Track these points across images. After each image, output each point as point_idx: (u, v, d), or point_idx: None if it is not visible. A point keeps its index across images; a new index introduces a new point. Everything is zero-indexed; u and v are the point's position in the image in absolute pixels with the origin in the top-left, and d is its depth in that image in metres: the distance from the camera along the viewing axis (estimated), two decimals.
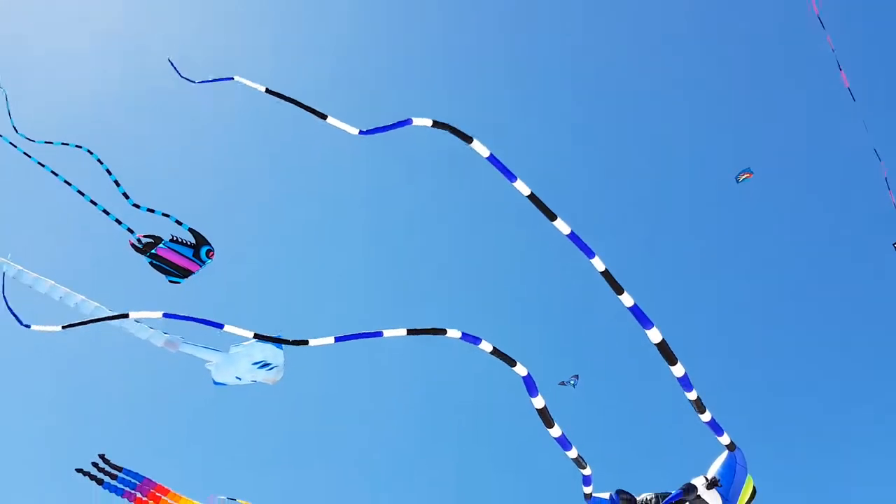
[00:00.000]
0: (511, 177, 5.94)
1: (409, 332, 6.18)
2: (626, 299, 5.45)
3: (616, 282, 5.36)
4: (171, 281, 9.44)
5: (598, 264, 5.28)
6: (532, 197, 5.59)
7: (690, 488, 7.51)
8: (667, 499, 7.45)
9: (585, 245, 5.28)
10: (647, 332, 5.65)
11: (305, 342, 5.63)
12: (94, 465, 10.90)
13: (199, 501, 11.57)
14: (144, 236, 9.90)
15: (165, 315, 5.44)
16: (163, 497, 11.43)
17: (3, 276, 7.08)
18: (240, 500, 12.52)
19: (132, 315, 5.27)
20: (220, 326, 5.44)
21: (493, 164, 6.16)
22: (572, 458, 6.32)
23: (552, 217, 5.27)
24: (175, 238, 9.90)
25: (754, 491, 7.59)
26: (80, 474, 10.81)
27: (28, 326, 6.13)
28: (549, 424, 6.00)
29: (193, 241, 9.87)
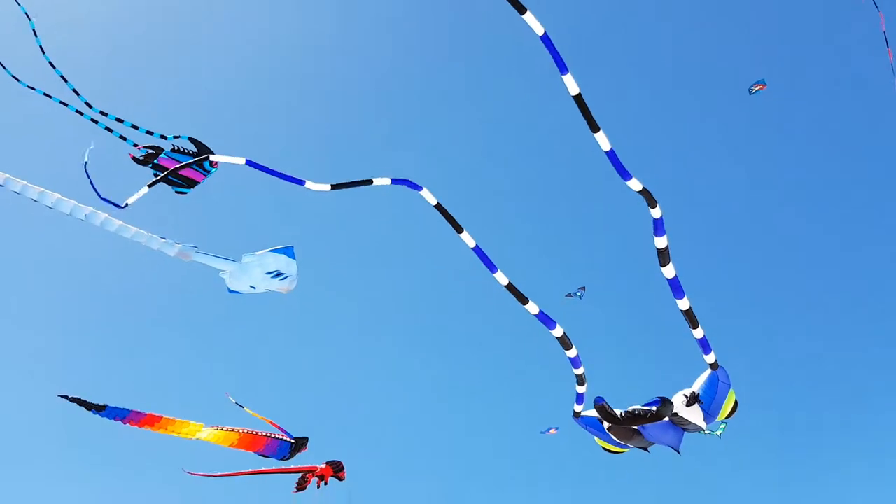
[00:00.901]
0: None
1: (334, 186, 6.25)
2: (656, 212, 5.38)
3: (651, 196, 5.20)
4: (177, 192, 9.32)
5: (635, 184, 5.10)
6: None
7: (665, 402, 7.78)
8: (647, 403, 7.74)
9: (619, 164, 5.00)
10: (656, 238, 5.66)
11: (209, 154, 5.89)
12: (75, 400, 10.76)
13: (200, 422, 11.76)
14: (144, 146, 9.68)
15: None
16: (157, 423, 11.54)
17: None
18: (247, 409, 12.86)
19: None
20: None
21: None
22: (557, 337, 6.39)
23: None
24: (176, 148, 9.70)
25: (736, 404, 7.88)
26: (67, 400, 10.69)
27: (123, 206, 6.48)
28: (524, 301, 6.03)
29: (195, 150, 9.69)
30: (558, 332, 6.30)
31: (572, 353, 6.56)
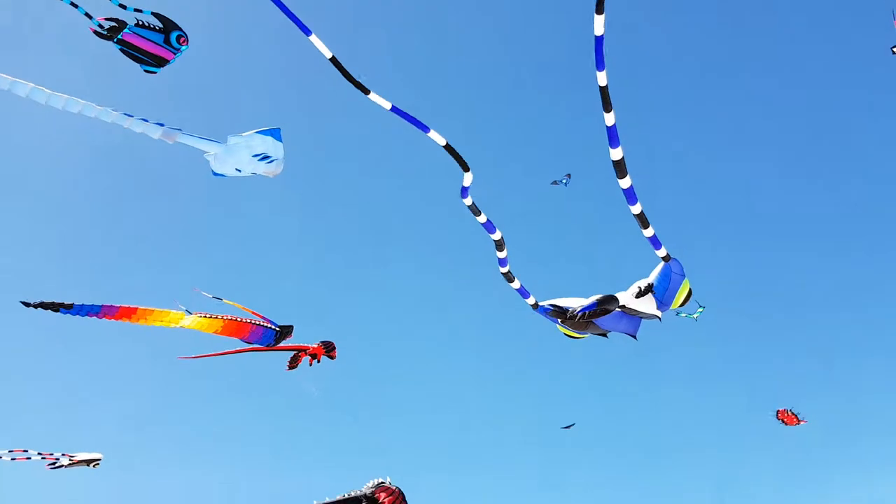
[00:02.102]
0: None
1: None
2: (610, 118, 5.48)
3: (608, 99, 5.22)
4: (146, 70, 8.75)
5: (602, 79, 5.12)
6: None
7: (609, 299, 8.16)
8: (584, 307, 8.09)
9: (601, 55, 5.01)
10: (611, 150, 5.85)
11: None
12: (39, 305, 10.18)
13: (179, 310, 11.63)
14: (105, 20, 8.94)
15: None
16: (134, 314, 11.37)
17: None
18: (225, 300, 12.83)
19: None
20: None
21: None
22: (495, 240, 6.95)
23: None
24: (140, 23, 9.00)
25: (690, 292, 8.34)
26: (31, 307, 10.08)
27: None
28: (476, 213, 6.63)
29: (161, 25, 9.02)
30: (497, 236, 6.78)
31: (503, 254, 7.02)
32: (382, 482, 12.85)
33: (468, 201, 6.64)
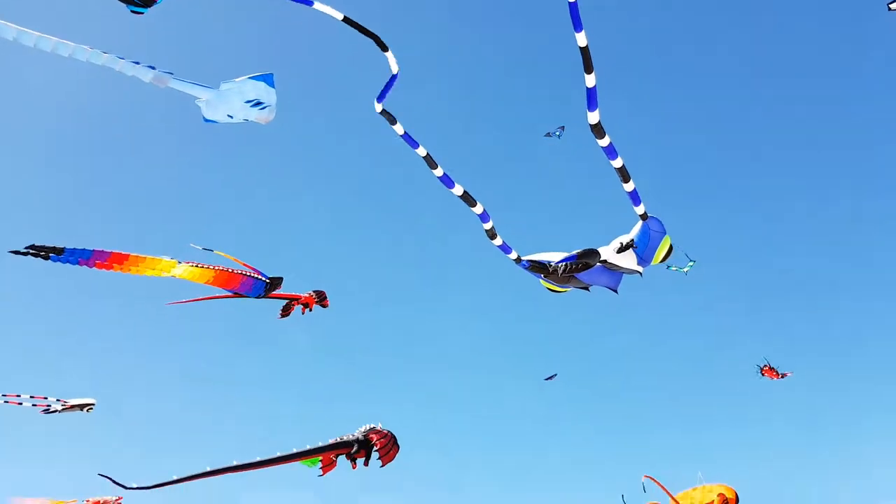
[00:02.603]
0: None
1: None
2: (590, 80, 5.69)
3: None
4: (133, 11, 8.56)
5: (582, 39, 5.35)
6: None
7: (590, 252, 8.33)
8: (564, 259, 8.24)
9: None
10: (590, 113, 6.01)
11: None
12: (31, 249, 10.27)
13: (169, 258, 11.59)
14: None
15: None
16: (125, 261, 11.29)
17: None
18: (216, 251, 12.82)
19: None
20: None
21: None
22: (458, 195, 7.10)
23: None
24: None
25: (671, 248, 8.50)
26: (20, 255, 10.21)
27: None
28: (433, 166, 6.72)
29: None
30: (458, 190, 6.84)
31: (478, 209, 7.11)
32: (374, 427, 13.13)
33: (379, 108, 6.70)
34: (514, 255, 8.42)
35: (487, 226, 7.42)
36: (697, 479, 14.68)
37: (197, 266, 11.69)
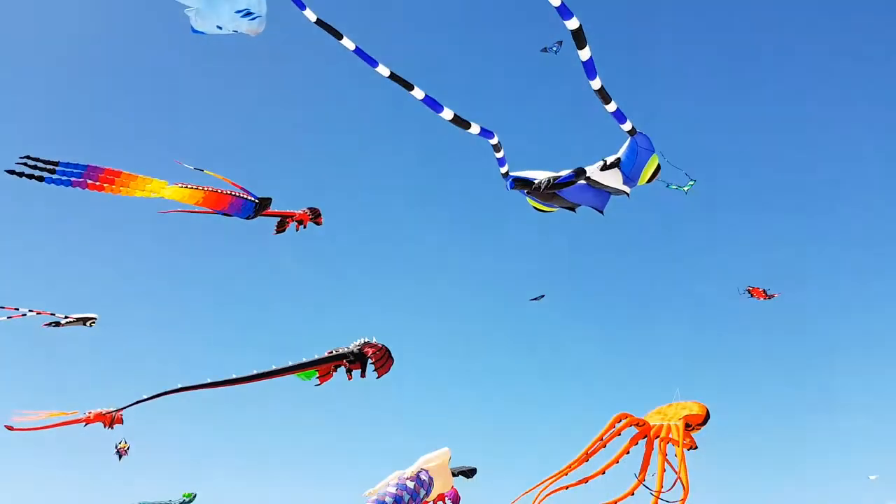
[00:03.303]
0: None
1: None
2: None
3: None
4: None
5: None
6: None
7: (581, 171, 8.28)
8: (558, 179, 8.23)
9: None
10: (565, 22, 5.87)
11: None
12: (23, 164, 10.07)
13: (161, 179, 11.54)
14: None
15: None
16: (117, 179, 11.25)
17: None
18: (206, 171, 12.73)
19: None
20: None
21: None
22: (449, 120, 6.96)
23: None
24: None
25: (658, 168, 8.43)
26: (14, 175, 10.01)
27: None
28: (467, 126, 6.56)
29: None
30: (448, 114, 6.71)
31: (475, 129, 6.84)
32: (368, 340, 13.48)
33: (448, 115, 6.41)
34: (504, 170, 8.43)
35: (493, 140, 7.36)
36: (675, 395, 15.24)
37: (186, 187, 11.65)
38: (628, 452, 13.43)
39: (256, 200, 12.66)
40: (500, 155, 7.92)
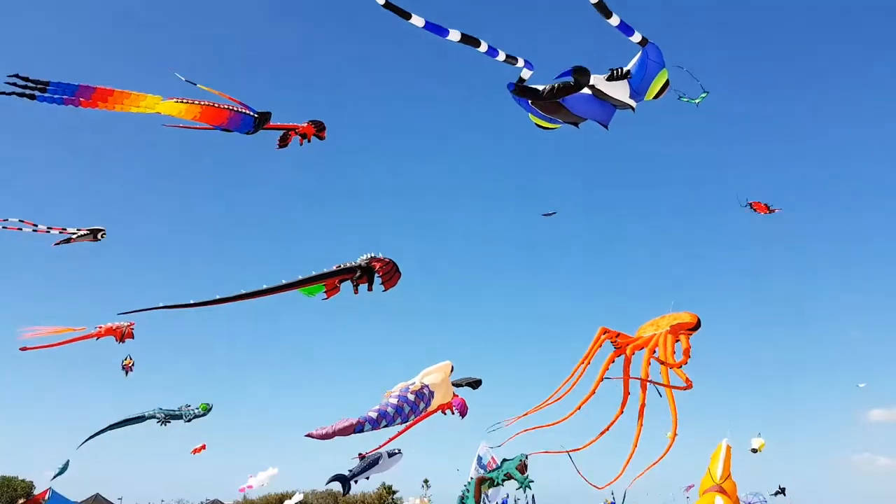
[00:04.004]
0: None
1: None
2: None
3: None
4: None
5: None
6: None
7: (582, 70, 7.96)
8: (561, 83, 7.94)
9: None
10: None
11: None
12: (13, 84, 9.76)
13: (155, 94, 11.25)
14: None
15: None
16: (110, 97, 10.97)
17: None
18: (200, 85, 12.37)
19: None
20: None
21: None
22: (457, 41, 6.69)
23: None
24: None
25: (667, 83, 8.09)
26: (4, 95, 9.75)
27: None
28: (476, 44, 6.44)
29: None
30: (455, 36, 6.31)
31: (483, 48, 6.65)
32: (375, 255, 13.56)
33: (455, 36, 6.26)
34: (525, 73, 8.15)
35: (501, 56, 7.10)
36: (670, 307, 15.38)
37: (182, 101, 11.37)
38: (612, 362, 13.79)
39: (255, 115, 12.39)
40: (520, 64, 7.67)
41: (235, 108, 12.04)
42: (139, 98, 11.00)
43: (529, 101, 8.77)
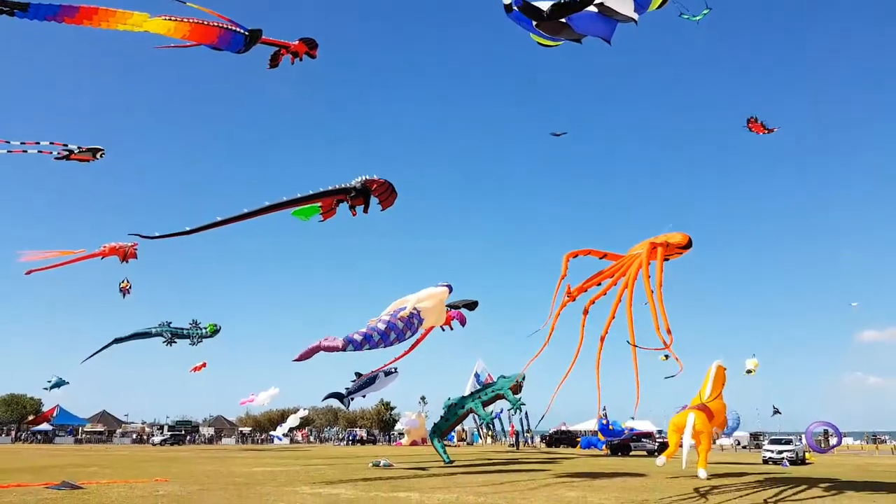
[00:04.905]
0: None
1: None
2: None
3: None
4: None
5: None
6: None
7: None
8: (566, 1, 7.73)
9: None
10: None
11: None
12: None
13: (142, 11, 10.90)
14: None
15: None
16: (95, 16, 10.62)
17: None
18: (189, 3, 11.96)
19: None
20: None
21: None
22: None
23: None
24: None
25: None
26: None
27: None
28: None
29: None
30: None
31: None
32: (371, 177, 13.56)
33: None
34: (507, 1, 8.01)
35: None
36: (667, 227, 15.62)
37: (171, 19, 11.06)
38: (598, 284, 14.09)
39: (246, 33, 12.07)
40: None
41: (225, 26, 11.72)
42: (126, 16, 10.70)
43: (533, 23, 8.64)
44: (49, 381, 37.10)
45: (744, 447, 45.21)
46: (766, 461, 25.55)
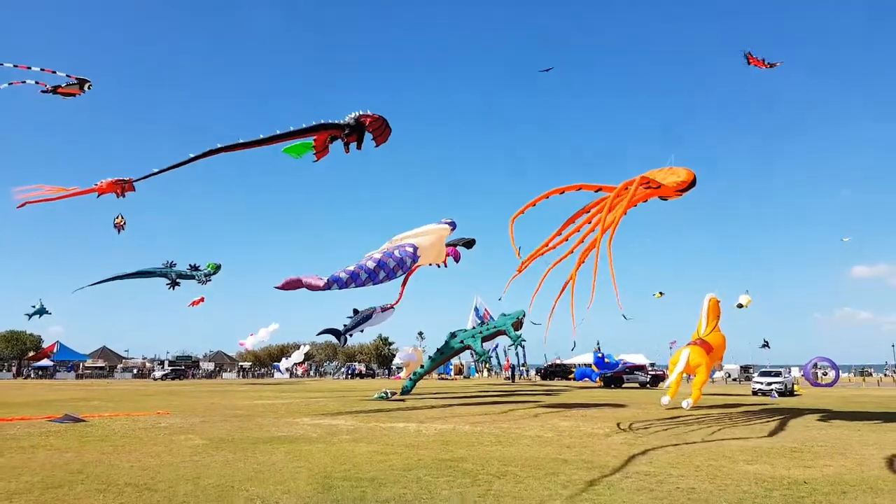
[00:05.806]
0: None
1: None
2: None
3: None
4: None
5: None
6: None
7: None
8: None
9: None
10: None
11: None
12: None
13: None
14: None
15: None
16: None
17: None
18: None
19: None
20: None
21: None
22: None
23: None
24: None
25: None
26: None
27: None
28: None
29: None
30: None
31: None
32: (364, 112, 13.28)
33: None
34: None
35: None
36: (670, 160, 15.46)
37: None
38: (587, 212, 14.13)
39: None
40: None
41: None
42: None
43: None
44: (33, 307, 37.02)
45: (734, 379, 46.18)
46: (755, 393, 26.10)
